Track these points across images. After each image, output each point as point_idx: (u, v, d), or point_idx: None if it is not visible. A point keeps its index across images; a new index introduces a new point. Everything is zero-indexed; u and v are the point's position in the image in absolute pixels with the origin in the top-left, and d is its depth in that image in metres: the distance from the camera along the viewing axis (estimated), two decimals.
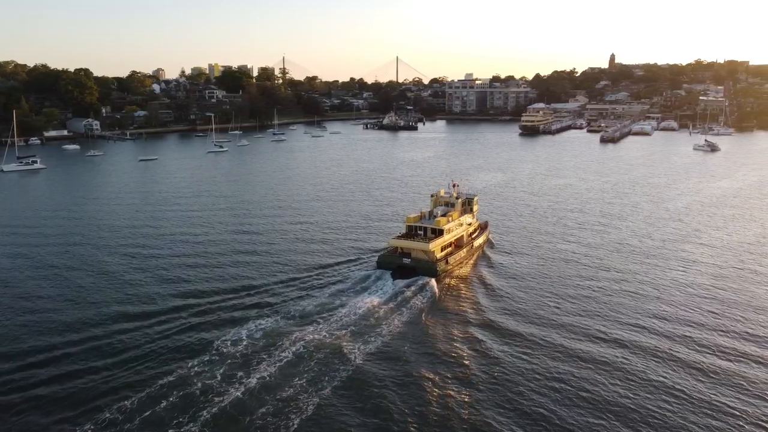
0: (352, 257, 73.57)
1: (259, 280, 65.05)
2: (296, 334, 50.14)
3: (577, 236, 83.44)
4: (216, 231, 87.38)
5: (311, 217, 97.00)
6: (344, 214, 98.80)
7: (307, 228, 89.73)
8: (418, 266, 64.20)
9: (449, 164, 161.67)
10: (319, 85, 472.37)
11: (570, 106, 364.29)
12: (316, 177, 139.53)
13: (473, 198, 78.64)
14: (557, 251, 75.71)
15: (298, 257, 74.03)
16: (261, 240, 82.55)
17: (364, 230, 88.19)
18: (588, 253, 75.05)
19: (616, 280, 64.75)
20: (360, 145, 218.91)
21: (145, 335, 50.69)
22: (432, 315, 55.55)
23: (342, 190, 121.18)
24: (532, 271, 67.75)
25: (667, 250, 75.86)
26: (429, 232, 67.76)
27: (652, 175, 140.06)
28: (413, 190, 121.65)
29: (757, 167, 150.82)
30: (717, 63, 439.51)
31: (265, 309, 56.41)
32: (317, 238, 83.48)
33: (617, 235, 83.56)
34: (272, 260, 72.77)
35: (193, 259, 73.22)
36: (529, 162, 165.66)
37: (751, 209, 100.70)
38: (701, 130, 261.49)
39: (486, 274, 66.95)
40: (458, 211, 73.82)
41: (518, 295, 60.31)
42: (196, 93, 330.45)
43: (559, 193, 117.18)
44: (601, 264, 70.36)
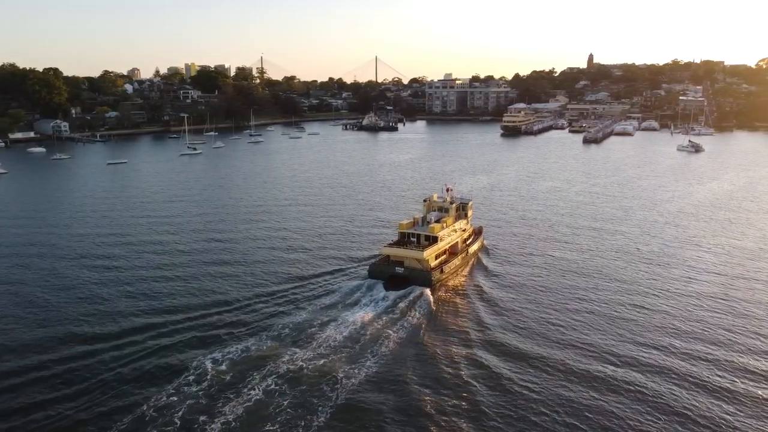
0: (338, 267, 68.93)
1: (236, 295, 59.71)
2: (279, 357, 44.97)
3: (572, 242, 79.47)
4: (187, 240, 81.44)
5: (291, 224, 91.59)
6: (326, 221, 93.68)
7: (288, 235, 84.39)
8: (411, 276, 60.63)
9: (432, 167, 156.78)
10: (298, 85, 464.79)
11: (551, 106, 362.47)
12: (295, 181, 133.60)
13: (468, 203, 75.78)
14: (554, 258, 72.00)
15: (279, 268, 68.80)
16: (237, 249, 76.93)
17: (348, 237, 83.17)
18: (586, 261, 70.98)
19: (619, 291, 60.56)
20: (339, 147, 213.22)
21: (101, 362, 45.07)
22: (430, 332, 51.05)
23: (322, 195, 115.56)
24: (531, 281, 63.95)
25: (668, 259, 71.73)
26: (423, 239, 64.41)
27: (639, 177, 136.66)
28: (397, 194, 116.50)
29: (744, 169, 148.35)
30: (694, 63, 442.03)
31: (242, 328, 51.11)
32: (299, 247, 78.27)
33: (613, 243, 79.47)
34: (250, 272, 67.43)
35: (161, 271, 67.46)
36: (513, 164, 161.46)
37: (746, 213, 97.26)
38: (682, 130, 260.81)
39: (483, 284, 62.99)
40: (452, 216, 70.43)
41: (519, 309, 56.05)
42: (170, 93, 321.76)
43: (548, 196, 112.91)
44: (601, 274, 66.17)
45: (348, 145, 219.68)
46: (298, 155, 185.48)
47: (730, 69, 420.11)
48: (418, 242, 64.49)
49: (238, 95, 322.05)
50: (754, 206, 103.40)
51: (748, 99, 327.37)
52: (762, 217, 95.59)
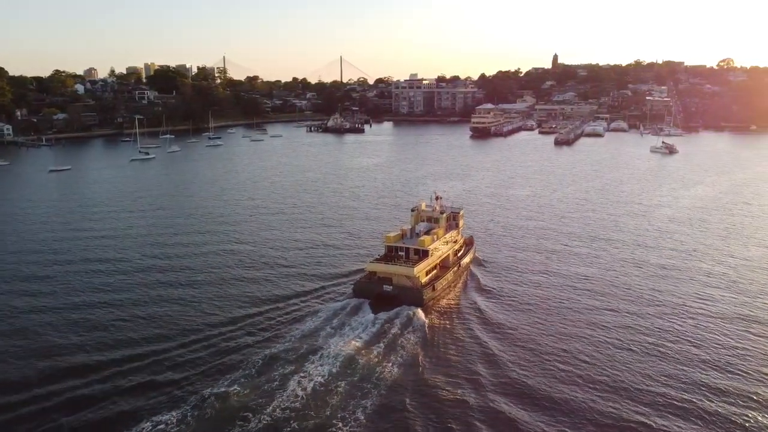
0: (317, 285, 61.76)
1: (193, 325, 50.98)
2: (250, 408, 36.97)
3: (565, 255, 73.13)
4: (133, 258, 71.52)
5: (256, 237, 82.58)
6: (296, 233, 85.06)
7: (253, 250, 75.57)
8: (401, 294, 55.47)
9: (403, 172, 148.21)
10: (261, 85, 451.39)
11: (518, 107, 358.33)
12: (257, 189, 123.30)
13: (459, 212, 71.00)
14: (549, 271, 66.69)
15: (246, 289, 60.31)
16: (193, 268, 67.75)
17: (324, 252, 75.03)
18: (584, 276, 64.85)
19: (628, 314, 53.90)
20: (304, 150, 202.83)
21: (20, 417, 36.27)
22: (428, 365, 44.66)
23: (288, 204, 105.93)
24: (530, 298, 58.50)
25: (674, 273, 65.20)
26: (412, 253, 59.52)
27: (619, 181, 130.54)
28: (367, 203, 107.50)
29: (724, 172, 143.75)
30: (657, 63, 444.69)
31: (202, 368, 42.71)
32: (268, 263, 69.83)
33: (609, 255, 72.99)
34: (210, 295, 58.48)
35: (100, 296, 58.19)
36: (488, 168, 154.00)
37: (742, 222, 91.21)
38: (651, 131, 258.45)
39: (479, 302, 57.35)
40: (443, 227, 65.62)
41: (523, 333, 50.38)
42: (124, 94, 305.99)
43: (530, 204, 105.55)
44: (603, 291, 60.15)
45: (313, 148, 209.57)
46: (260, 160, 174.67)
47: (692, 69, 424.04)
48: (407, 257, 59.32)
49: (197, 96, 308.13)
50: (746, 212, 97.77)
51: (713, 99, 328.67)
52: (759, 224, 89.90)
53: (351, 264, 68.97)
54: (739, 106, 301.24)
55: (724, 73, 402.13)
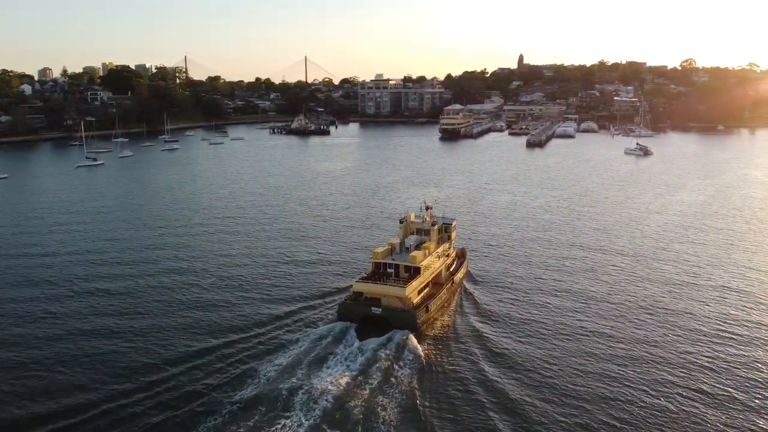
0: (292, 308, 54.61)
1: (139, 365, 42.93)
2: None
3: (559, 269, 67.29)
4: (65, 282, 61.52)
5: (213, 255, 73.28)
6: (256, 249, 76.17)
7: (210, 270, 66.69)
8: (391, 317, 49.80)
9: (372, 177, 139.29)
10: (222, 85, 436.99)
11: (486, 107, 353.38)
12: (215, 199, 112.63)
13: (451, 223, 65.11)
14: (547, 290, 60.31)
15: (205, 317, 52.41)
16: (140, 291, 59.06)
17: (292, 270, 67.13)
18: (584, 292, 59.59)
19: (644, 341, 46.53)
20: (267, 154, 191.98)
21: None
22: (428, 404, 38.34)
23: (248, 216, 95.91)
24: (532, 321, 52.38)
25: (684, 294, 57.37)
26: (402, 270, 53.86)
27: (600, 186, 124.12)
28: (336, 213, 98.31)
29: (706, 175, 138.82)
30: (621, 64, 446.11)
31: (155, 417, 35.39)
32: (230, 285, 61.58)
33: (609, 270, 66.06)
34: (161, 325, 50.41)
35: (30, 327, 48.75)
36: (462, 173, 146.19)
37: (739, 232, 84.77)
38: (622, 132, 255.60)
39: (477, 326, 51.27)
40: (434, 241, 59.69)
41: (532, 365, 44.07)
42: (75, 94, 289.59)
43: (512, 213, 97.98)
44: (611, 311, 53.93)
45: (277, 152, 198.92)
46: (219, 165, 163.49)
47: (655, 70, 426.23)
48: (397, 274, 53.75)
49: (154, 97, 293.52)
50: (741, 219, 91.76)
51: (679, 100, 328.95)
52: (758, 231, 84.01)
53: (330, 283, 62.23)
54: (705, 107, 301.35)
55: (687, 73, 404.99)
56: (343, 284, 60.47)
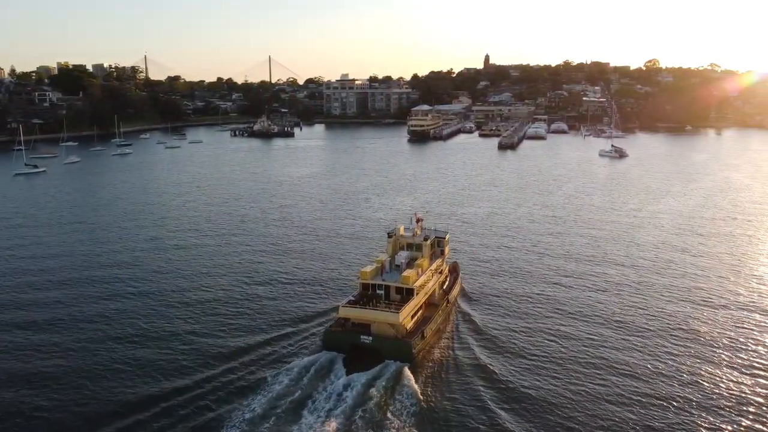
0: (270, 336, 48.58)
1: (80, 413, 36.60)
2: None
3: (556, 287, 61.60)
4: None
5: (162, 276, 64.68)
6: (213, 268, 67.73)
7: (161, 294, 59.17)
8: (383, 347, 44.79)
9: (340, 184, 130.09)
10: (182, 85, 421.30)
11: (455, 108, 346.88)
12: (167, 210, 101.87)
13: (444, 237, 59.58)
14: (548, 310, 55.14)
15: (162, 351, 45.92)
16: (69, 324, 50.65)
17: (260, 292, 60.20)
18: (588, 314, 54.55)
19: (658, 374, 38.72)
20: (227, 158, 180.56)
21: None
22: None
23: (203, 229, 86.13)
24: (537, 346, 47.44)
25: (706, 320, 50.29)
26: (393, 292, 49.06)
27: (582, 192, 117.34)
28: (305, 225, 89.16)
29: (688, 179, 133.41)
30: (586, 64, 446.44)
31: None
32: (188, 312, 54.18)
33: (611, 291, 59.32)
34: (107, 361, 44.07)
35: None
36: (435, 178, 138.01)
37: (742, 243, 78.41)
38: (593, 132, 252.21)
39: (478, 352, 46.14)
40: (427, 257, 54.37)
41: (539, 397, 39.71)
42: (22, 96, 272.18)
43: (495, 223, 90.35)
44: (623, 342, 47.39)
45: (238, 156, 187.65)
46: (174, 171, 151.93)
47: (619, 70, 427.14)
48: (387, 296, 48.92)
49: (107, 97, 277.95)
50: (739, 229, 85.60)
51: (647, 100, 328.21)
52: (762, 242, 77.81)
53: (309, 306, 56.13)
54: (672, 107, 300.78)
55: (652, 73, 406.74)
56: (324, 306, 55.04)
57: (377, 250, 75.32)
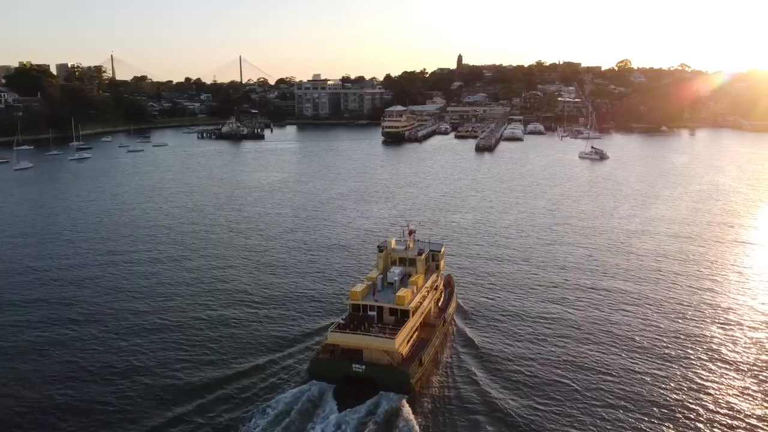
0: (243, 367, 44.00)
1: None
2: None
3: (558, 304, 57.33)
4: None
5: (111, 299, 57.91)
6: (175, 287, 61.10)
7: (120, 319, 53.59)
8: (378, 377, 41.04)
9: (312, 191, 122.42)
10: (149, 85, 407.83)
11: (429, 108, 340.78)
12: (122, 223, 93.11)
13: (439, 250, 54.54)
14: (553, 331, 51.18)
15: (113, 390, 41.22)
16: (26, 350, 45.76)
17: (238, 314, 54.80)
18: (594, 334, 50.53)
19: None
20: (193, 162, 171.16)
21: None
22: None
23: (162, 243, 78.18)
24: (545, 372, 43.75)
25: (720, 349, 44.27)
26: (387, 313, 45.10)
27: (568, 198, 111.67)
28: (274, 240, 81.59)
29: (674, 183, 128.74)
30: (559, 64, 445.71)
31: None
32: (149, 340, 49.15)
33: (618, 308, 54.04)
34: (53, 402, 38.60)
35: None
36: (413, 183, 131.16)
37: (746, 255, 73.16)
38: (570, 133, 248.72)
39: (481, 380, 42.27)
40: (422, 274, 50.11)
41: None
42: None
43: (482, 233, 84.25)
44: (640, 366, 42.78)
45: (204, 160, 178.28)
46: (135, 177, 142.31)
47: (591, 70, 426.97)
48: (380, 318, 44.75)
49: (67, 98, 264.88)
50: (738, 239, 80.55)
51: (621, 100, 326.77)
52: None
53: (292, 329, 51.33)
54: (647, 107, 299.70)
55: (625, 74, 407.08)
56: (308, 328, 50.87)
57: (358, 263, 69.32)
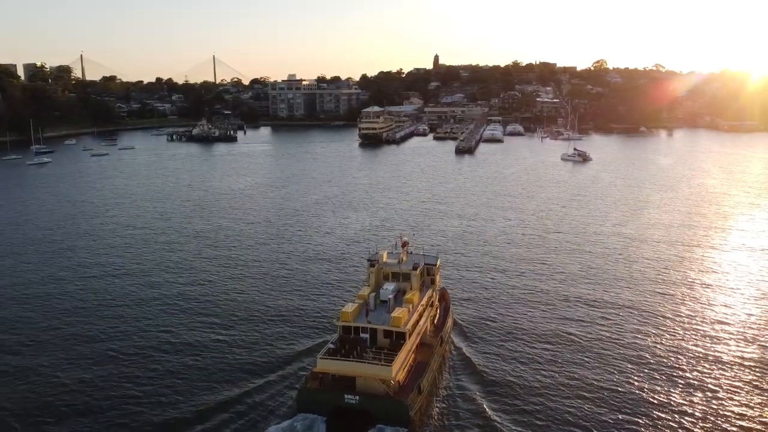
0: (220, 397, 39.89)
1: None
2: None
3: (558, 320, 53.36)
4: None
5: (65, 321, 51.33)
6: (139, 308, 54.31)
7: (75, 344, 47.82)
8: (374, 408, 36.85)
9: (286, 197, 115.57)
10: (117, 86, 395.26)
11: (407, 109, 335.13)
12: (78, 236, 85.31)
13: (435, 264, 50.57)
14: (557, 354, 47.09)
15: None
16: None
17: (212, 336, 50.13)
18: (601, 353, 46.88)
19: None
20: (160, 167, 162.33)
21: None
22: None
23: (122, 258, 70.70)
24: (554, 399, 40.28)
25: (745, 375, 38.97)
26: (380, 336, 41.19)
27: (556, 203, 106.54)
28: (247, 252, 74.70)
29: (663, 186, 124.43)
30: (535, 65, 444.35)
31: None
32: (114, 371, 44.24)
33: (625, 325, 48.21)
34: None
35: None
36: (393, 188, 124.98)
37: (753, 266, 68.42)
38: (550, 135, 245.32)
39: (486, 410, 38.44)
40: (417, 289, 46.26)
41: None
42: None
43: (471, 242, 79.07)
44: (652, 393, 37.39)
45: (173, 164, 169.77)
46: (96, 184, 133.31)
47: (568, 71, 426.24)
48: (374, 340, 41.02)
49: (30, 99, 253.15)
50: (739, 248, 75.88)
51: (600, 101, 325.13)
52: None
53: (275, 352, 47.00)
54: (625, 108, 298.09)
55: (601, 74, 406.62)
56: (292, 351, 46.62)
57: (341, 277, 63.89)
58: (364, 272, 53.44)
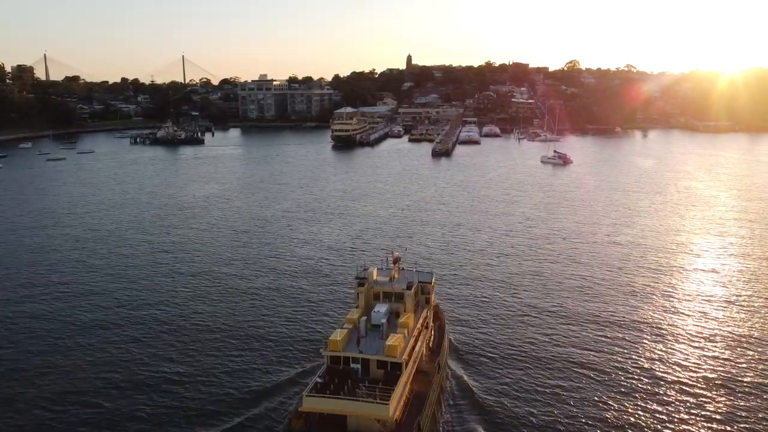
0: None
1: None
2: None
3: (558, 339, 48.56)
4: None
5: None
6: (90, 333, 46.66)
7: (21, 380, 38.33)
8: None
9: (258, 205, 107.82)
10: (80, 86, 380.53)
11: (380, 110, 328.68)
12: (23, 252, 76.47)
13: (429, 281, 46.03)
14: (563, 380, 43.67)
15: None
16: None
17: (177, 369, 42.64)
18: (613, 379, 41.65)
19: None
20: (121, 173, 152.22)
21: None
22: None
23: (72, 275, 62.37)
24: None
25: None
26: (374, 367, 36.17)
27: (543, 211, 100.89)
28: (214, 269, 67.24)
29: (650, 191, 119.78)
30: (508, 65, 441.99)
31: None
32: (64, 414, 37.30)
33: (633, 351, 41.56)
34: None
35: None
36: (369, 195, 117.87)
37: (753, 284, 63.25)
38: (527, 136, 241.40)
39: None
40: (411, 310, 41.75)
41: None
42: None
43: (456, 254, 72.50)
44: None
45: (134, 169, 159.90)
46: (48, 192, 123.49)
47: (541, 71, 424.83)
48: (366, 372, 36.15)
49: None
50: (739, 254, 70.82)
51: (574, 101, 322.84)
52: None
53: (251, 383, 42.24)
54: (599, 108, 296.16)
55: (574, 74, 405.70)
56: (268, 382, 41.61)
57: (321, 295, 56.98)
58: (347, 290, 46.99)
